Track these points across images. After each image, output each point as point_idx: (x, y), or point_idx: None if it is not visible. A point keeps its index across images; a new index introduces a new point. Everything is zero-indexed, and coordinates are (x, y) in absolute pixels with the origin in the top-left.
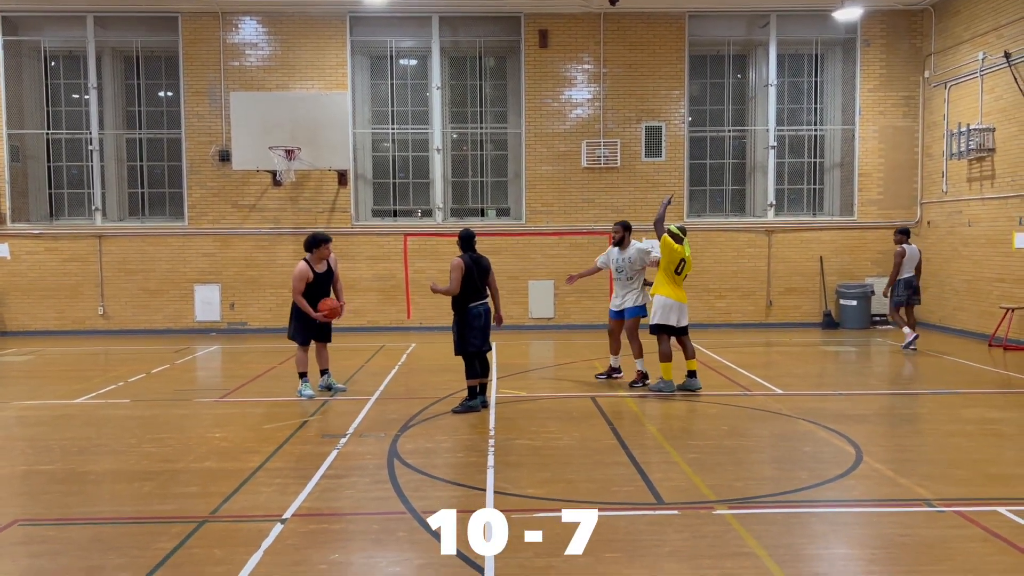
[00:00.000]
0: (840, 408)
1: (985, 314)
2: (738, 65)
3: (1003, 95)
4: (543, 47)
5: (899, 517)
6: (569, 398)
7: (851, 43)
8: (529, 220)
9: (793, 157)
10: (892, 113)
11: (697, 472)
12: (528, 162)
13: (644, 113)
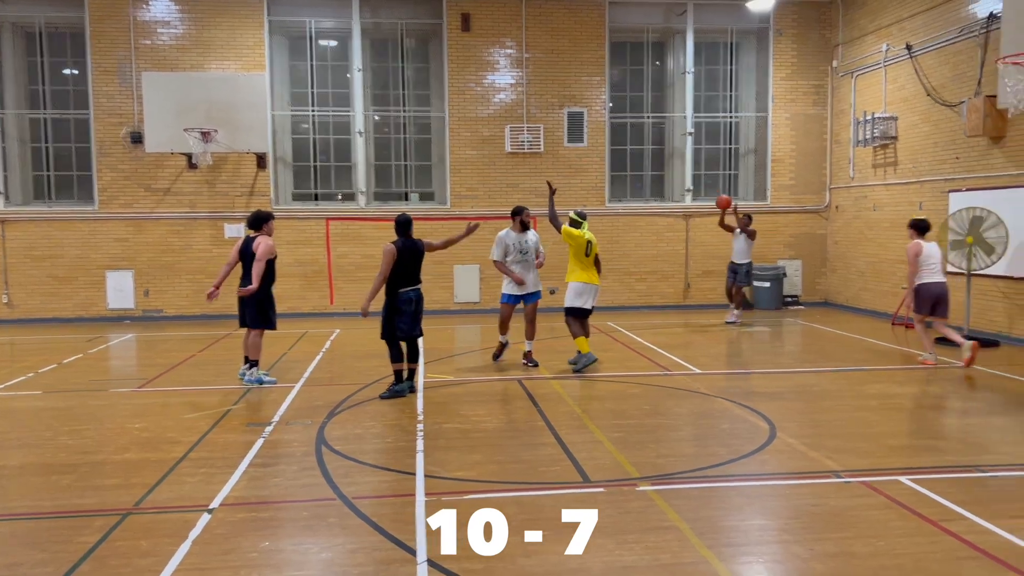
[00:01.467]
0: (755, 386)
1: (888, 294)
2: (657, 52)
3: (905, 85)
4: (465, 31)
5: (810, 488)
6: (496, 381)
7: (764, 33)
8: (454, 204)
9: (710, 143)
10: (803, 101)
11: (621, 450)
12: (452, 146)
13: (566, 99)
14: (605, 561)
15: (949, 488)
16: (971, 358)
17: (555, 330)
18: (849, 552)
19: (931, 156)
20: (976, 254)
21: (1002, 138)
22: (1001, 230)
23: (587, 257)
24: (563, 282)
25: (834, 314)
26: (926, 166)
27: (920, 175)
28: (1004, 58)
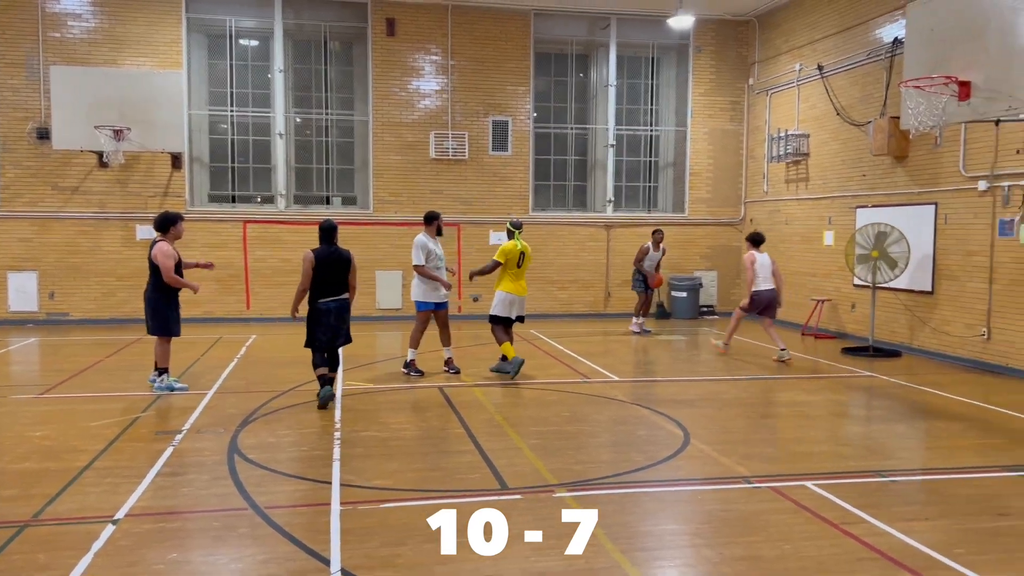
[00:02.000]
0: (671, 393)
1: (798, 305)
2: (581, 65)
3: (817, 104)
4: (390, 35)
5: (721, 494)
6: (416, 389)
7: (684, 49)
8: (377, 209)
9: (631, 155)
10: (720, 117)
11: (539, 457)
12: (375, 151)
13: (491, 107)
14: (521, 567)
15: (851, 492)
16: (780, 361)
17: (479, 337)
18: (757, 555)
19: (840, 173)
20: (880, 268)
21: (905, 157)
22: (903, 245)
23: (519, 268)
24: (491, 290)
25: (747, 324)
26: (835, 182)
27: (829, 191)
28: (906, 82)
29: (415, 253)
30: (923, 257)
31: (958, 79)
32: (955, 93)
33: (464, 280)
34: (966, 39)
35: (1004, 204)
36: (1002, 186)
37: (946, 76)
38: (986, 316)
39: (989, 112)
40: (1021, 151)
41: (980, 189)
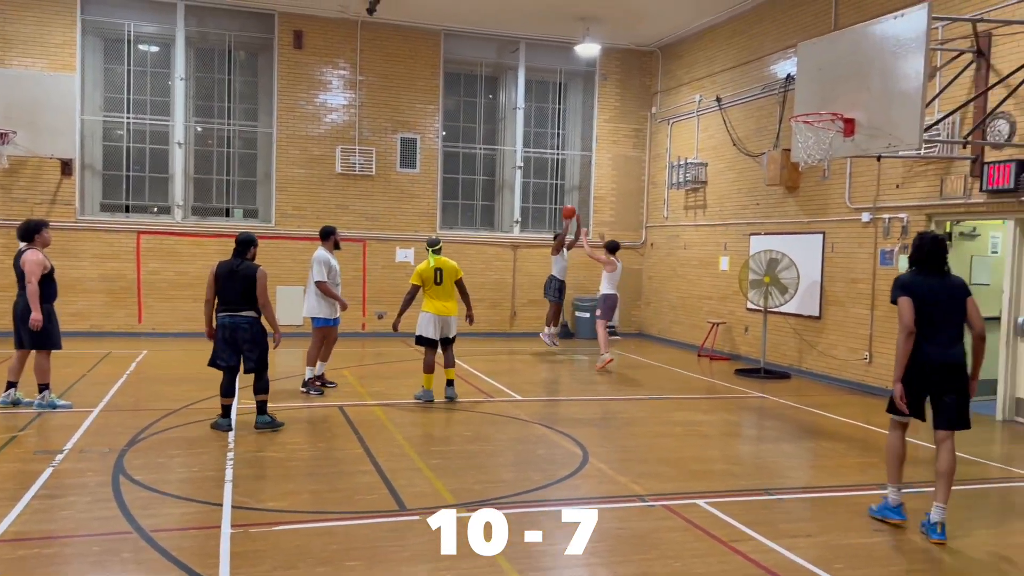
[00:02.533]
0: (571, 412)
1: (696, 327)
2: (490, 86)
3: (715, 134)
4: (298, 48)
5: (617, 512)
6: (316, 407)
7: (591, 76)
8: (279, 223)
9: (538, 177)
10: (624, 143)
11: (440, 477)
12: (279, 163)
13: (400, 124)
14: None
15: (740, 510)
16: (602, 367)
17: (381, 355)
18: (649, 573)
19: (735, 201)
20: (772, 293)
21: (796, 188)
22: (793, 272)
23: (438, 286)
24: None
25: (647, 344)
26: (731, 210)
27: (725, 218)
28: (797, 117)
29: (317, 268)
30: (811, 283)
31: (844, 116)
32: (841, 129)
33: (370, 297)
34: (851, 79)
35: (885, 235)
36: (883, 218)
37: (833, 113)
38: (868, 341)
39: (871, 148)
40: (900, 186)
41: (864, 220)
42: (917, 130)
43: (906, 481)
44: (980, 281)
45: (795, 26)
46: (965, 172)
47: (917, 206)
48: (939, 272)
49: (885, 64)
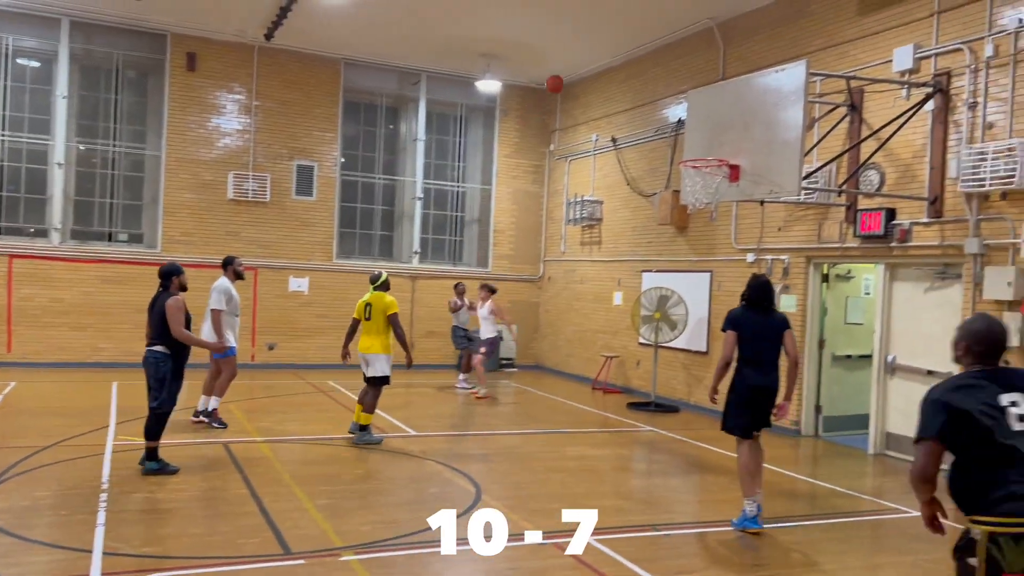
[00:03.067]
0: (466, 448)
1: (591, 361)
2: (391, 117)
3: (610, 173)
4: (191, 70)
5: (508, 552)
6: (198, 444)
7: (491, 111)
8: (165, 249)
9: (438, 209)
10: (524, 179)
11: (328, 518)
12: (168, 187)
13: (296, 151)
14: None
15: (628, 546)
16: (481, 396)
17: (271, 388)
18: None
19: (629, 239)
20: (662, 328)
21: (686, 228)
22: (682, 308)
23: (367, 321)
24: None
25: (544, 377)
26: (625, 247)
27: (619, 255)
28: (685, 161)
29: (215, 297)
30: (699, 320)
31: (729, 162)
32: (727, 175)
33: (260, 328)
34: (737, 127)
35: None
36: (766, 259)
37: (719, 159)
38: None
39: (755, 193)
40: (782, 229)
41: (748, 261)
42: (797, 178)
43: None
44: (854, 320)
45: (686, 73)
46: (841, 218)
47: (797, 248)
48: (764, 310)
49: (768, 114)
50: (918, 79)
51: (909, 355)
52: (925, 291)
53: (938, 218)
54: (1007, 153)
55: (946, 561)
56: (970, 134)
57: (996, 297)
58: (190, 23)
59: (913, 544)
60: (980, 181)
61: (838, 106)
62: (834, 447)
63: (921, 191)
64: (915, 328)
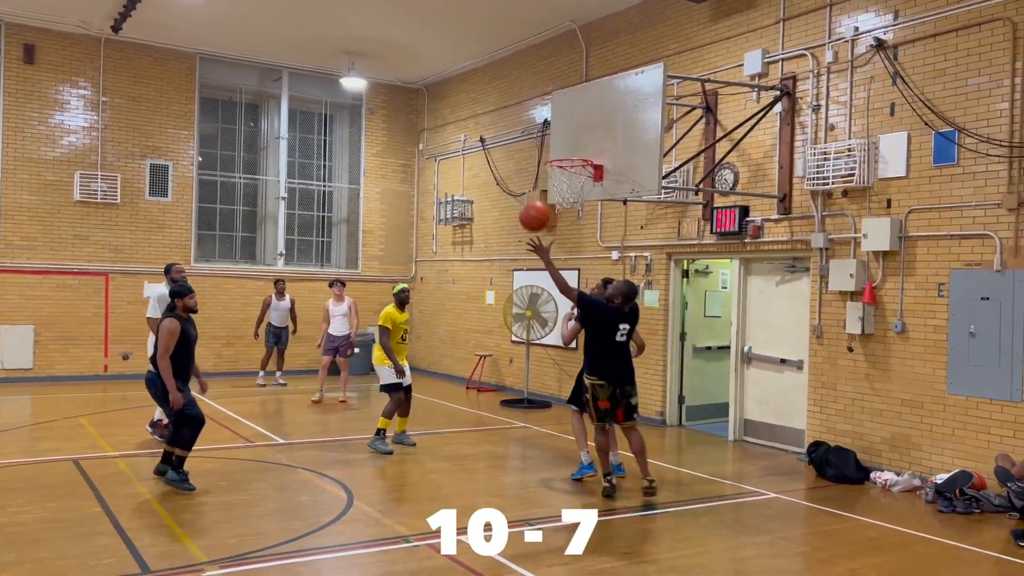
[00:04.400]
0: (337, 455)
1: (464, 360)
2: (251, 114)
3: (479, 173)
4: (29, 63)
5: (381, 556)
6: (46, 463)
7: (357, 109)
8: (4, 256)
9: (304, 209)
10: (392, 178)
11: (190, 534)
12: (5, 188)
13: (149, 149)
14: None
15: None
16: (317, 401)
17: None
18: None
19: (499, 238)
20: (533, 326)
21: (554, 227)
22: (552, 305)
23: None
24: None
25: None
26: (496, 246)
27: (491, 254)
28: (551, 161)
29: (152, 305)
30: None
31: (593, 163)
32: (591, 175)
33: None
34: (599, 128)
35: (632, 271)
36: (630, 256)
37: (583, 159)
38: None
39: (618, 192)
40: (644, 227)
41: (613, 258)
42: (656, 177)
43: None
44: (713, 313)
45: (550, 74)
46: (698, 216)
47: (659, 245)
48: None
49: (628, 115)
50: (767, 83)
51: (764, 345)
52: (777, 284)
53: (787, 215)
54: (847, 153)
55: (799, 539)
56: (814, 135)
57: (840, 288)
58: (26, 12)
59: (771, 524)
60: (824, 179)
61: (694, 108)
62: (697, 435)
63: (772, 189)
64: (768, 319)
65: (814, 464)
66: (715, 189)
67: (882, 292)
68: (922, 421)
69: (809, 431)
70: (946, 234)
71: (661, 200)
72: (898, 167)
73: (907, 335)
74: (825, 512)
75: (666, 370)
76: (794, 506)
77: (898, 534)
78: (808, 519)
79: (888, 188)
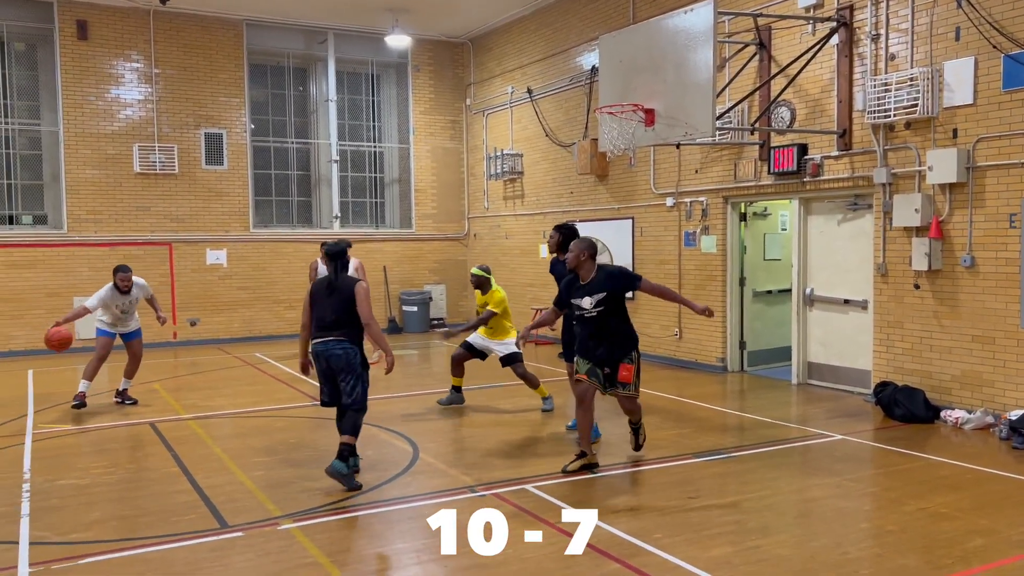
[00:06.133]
0: (401, 409)
1: (521, 314)
2: (299, 78)
3: (528, 125)
4: (83, 39)
5: (447, 505)
6: (124, 427)
7: (403, 67)
8: (72, 229)
9: (355, 171)
10: (441, 135)
11: (263, 489)
12: (68, 164)
13: (203, 119)
14: None
15: (567, 491)
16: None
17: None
18: (481, 564)
19: (551, 191)
20: None
21: (606, 176)
22: (607, 256)
23: None
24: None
25: None
26: (547, 199)
27: (542, 207)
28: (601, 108)
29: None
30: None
31: (643, 107)
32: (642, 120)
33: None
34: (649, 71)
35: (687, 218)
36: (685, 202)
37: (633, 104)
38: (678, 318)
39: (670, 137)
40: (699, 171)
41: (668, 205)
42: (710, 119)
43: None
44: (772, 256)
45: (597, 19)
46: (755, 156)
47: (714, 189)
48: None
49: (679, 56)
50: (823, 14)
51: (826, 286)
52: (838, 223)
53: (847, 151)
54: (909, 83)
55: (868, 479)
56: (874, 66)
57: (905, 224)
58: None
59: (838, 465)
60: (885, 112)
61: (747, 45)
62: (759, 380)
63: (830, 125)
64: (830, 260)
65: (881, 405)
66: (771, 128)
67: (949, 226)
68: (994, 357)
69: (875, 371)
70: (1017, 162)
71: (715, 142)
72: (964, 95)
73: (977, 270)
74: (894, 452)
75: (726, 316)
76: (861, 447)
77: (971, 472)
78: (876, 459)
79: (954, 117)
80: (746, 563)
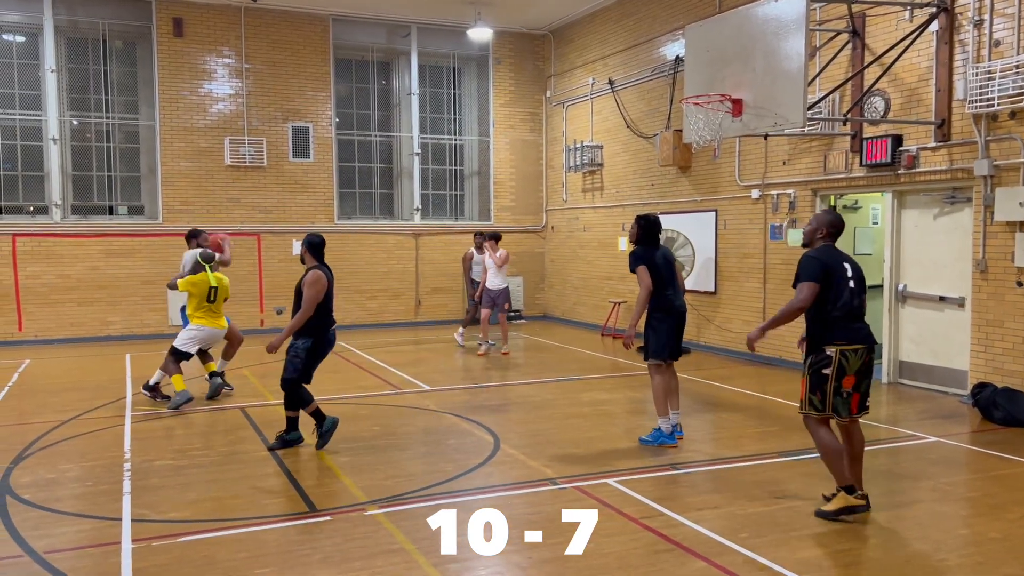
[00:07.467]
0: (481, 400)
1: (598, 307)
2: (383, 72)
3: (609, 117)
4: (178, 36)
5: (529, 497)
6: (216, 411)
7: (484, 60)
8: (167, 219)
9: (436, 164)
10: (521, 127)
11: (349, 474)
12: (164, 157)
13: (290, 113)
14: None
15: (649, 487)
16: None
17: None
18: (563, 556)
19: (631, 183)
20: None
21: (688, 168)
22: (689, 249)
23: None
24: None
25: (552, 327)
26: (627, 191)
27: (622, 199)
28: (687, 99)
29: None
30: (706, 260)
31: (731, 97)
32: (729, 110)
33: (267, 293)
34: (737, 60)
35: (774, 211)
36: (772, 194)
37: (721, 94)
38: (762, 313)
39: (758, 127)
40: (786, 162)
41: (753, 197)
42: (801, 109)
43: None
44: (863, 251)
45: (682, 8)
46: (846, 148)
47: (803, 181)
48: (656, 244)
49: (768, 45)
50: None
51: (920, 282)
52: (934, 217)
53: (946, 141)
54: (1015, 70)
55: (966, 483)
56: (976, 53)
57: (1008, 218)
58: None
59: (932, 468)
60: (988, 101)
61: (840, 32)
62: None
63: (928, 115)
64: (925, 255)
65: (979, 406)
66: (864, 118)
67: None
68: None
69: (972, 372)
70: None
71: (805, 133)
72: None
73: None
74: (994, 456)
75: None
76: (957, 450)
77: None
78: (975, 463)
79: None
80: (837, 566)
